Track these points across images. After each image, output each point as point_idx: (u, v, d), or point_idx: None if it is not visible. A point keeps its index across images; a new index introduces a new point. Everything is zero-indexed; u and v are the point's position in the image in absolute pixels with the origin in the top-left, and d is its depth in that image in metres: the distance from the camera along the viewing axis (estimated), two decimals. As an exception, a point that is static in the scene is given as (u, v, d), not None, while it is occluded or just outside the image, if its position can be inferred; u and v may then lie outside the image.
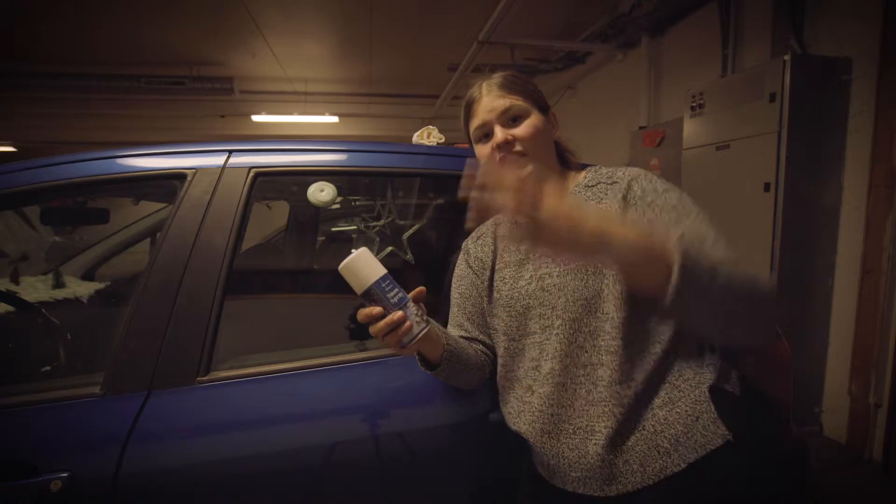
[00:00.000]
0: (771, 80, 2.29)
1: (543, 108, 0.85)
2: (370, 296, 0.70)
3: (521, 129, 0.81)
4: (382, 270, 0.72)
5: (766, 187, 2.33)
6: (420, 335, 0.71)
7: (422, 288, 0.75)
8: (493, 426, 0.93)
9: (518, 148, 0.80)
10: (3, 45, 4.57)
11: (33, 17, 4.02)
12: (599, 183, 0.83)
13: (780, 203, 2.28)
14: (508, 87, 0.82)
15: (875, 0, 2.14)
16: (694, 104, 2.75)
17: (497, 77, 0.84)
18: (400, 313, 0.70)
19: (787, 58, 2.23)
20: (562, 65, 4.80)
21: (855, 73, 2.27)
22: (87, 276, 1.84)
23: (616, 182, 0.81)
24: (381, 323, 0.69)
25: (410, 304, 0.72)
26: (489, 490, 0.99)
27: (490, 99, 0.82)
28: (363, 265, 0.71)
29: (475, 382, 0.91)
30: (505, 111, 0.81)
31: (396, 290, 0.71)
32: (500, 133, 0.81)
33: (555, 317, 0.78)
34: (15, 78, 5.12)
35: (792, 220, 2.29)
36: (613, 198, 0.79)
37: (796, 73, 2.22)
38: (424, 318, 0.73)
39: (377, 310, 0.70)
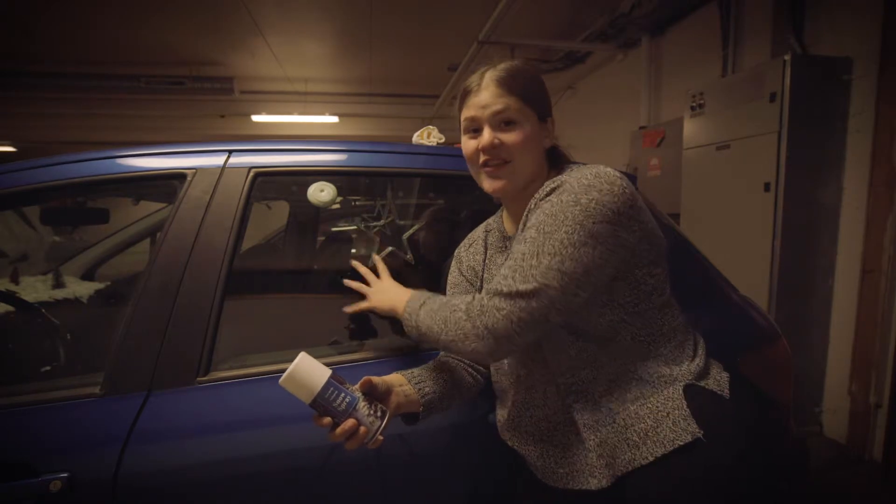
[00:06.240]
0: (771, 79, 2.29)
1: (543, 113, 0.81)
2: (318, 407, 0.69)
3: (511, 137, 0.77)
4: (325, 377, 0.69)
5: (766, 187, 2.32)
6: (378, 431, 0.70)
7: (367, 379, 0.74)
8: (492, 427, 0.93)
9: (503, 156, 0.78)
10: (2, 45, 4.57)
11: (33, 17, 4.02)
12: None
13: (780, 203, 2.28)
14: (509, 86, 0.77)
15: (875, 0, 2.14)
16: (694, 104, 2.74)
17: (500, 70, 0.78)
18: (351, 422, 0.69)
19: (787, 58, 2.23)
20: (562, 65, 4.79)
21: (855, 72, 2.27)
22: (87, 276, 1.83)
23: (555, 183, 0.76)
24: (336, 432, 0.69)
25: (360, 403, 0.70)
26: (488, 490, 0.99)
27: (487, 95, 0.78)
28: (305, 377, 0.68)
29: (468, 400, 0.93)
30: (498, 112, 0.77)
31: (342, 395, 0.69)
32: (487, 135, 0.77)
33: None
34: (15, 78, 5.11)
35: (792, 220, 2.29)
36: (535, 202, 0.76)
37: (796, 72, 2.22)
38: (378, 410, 0.72)
39: (327, 420, 0.69)
